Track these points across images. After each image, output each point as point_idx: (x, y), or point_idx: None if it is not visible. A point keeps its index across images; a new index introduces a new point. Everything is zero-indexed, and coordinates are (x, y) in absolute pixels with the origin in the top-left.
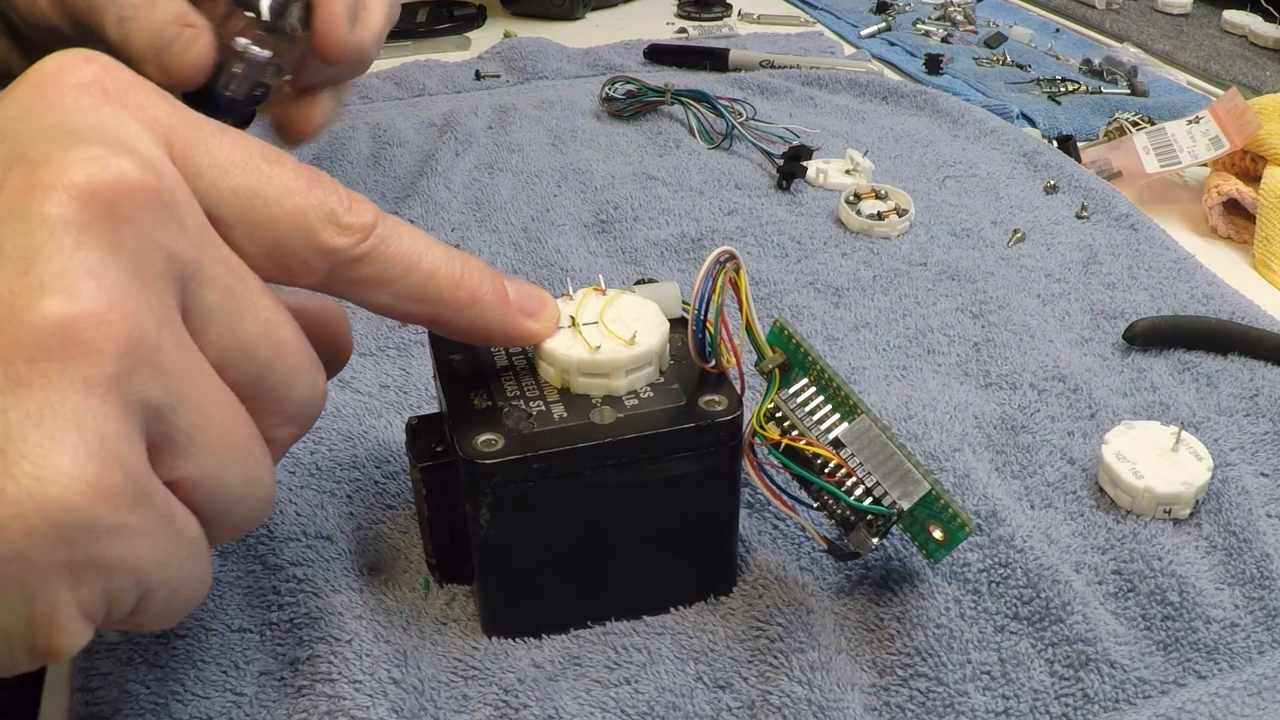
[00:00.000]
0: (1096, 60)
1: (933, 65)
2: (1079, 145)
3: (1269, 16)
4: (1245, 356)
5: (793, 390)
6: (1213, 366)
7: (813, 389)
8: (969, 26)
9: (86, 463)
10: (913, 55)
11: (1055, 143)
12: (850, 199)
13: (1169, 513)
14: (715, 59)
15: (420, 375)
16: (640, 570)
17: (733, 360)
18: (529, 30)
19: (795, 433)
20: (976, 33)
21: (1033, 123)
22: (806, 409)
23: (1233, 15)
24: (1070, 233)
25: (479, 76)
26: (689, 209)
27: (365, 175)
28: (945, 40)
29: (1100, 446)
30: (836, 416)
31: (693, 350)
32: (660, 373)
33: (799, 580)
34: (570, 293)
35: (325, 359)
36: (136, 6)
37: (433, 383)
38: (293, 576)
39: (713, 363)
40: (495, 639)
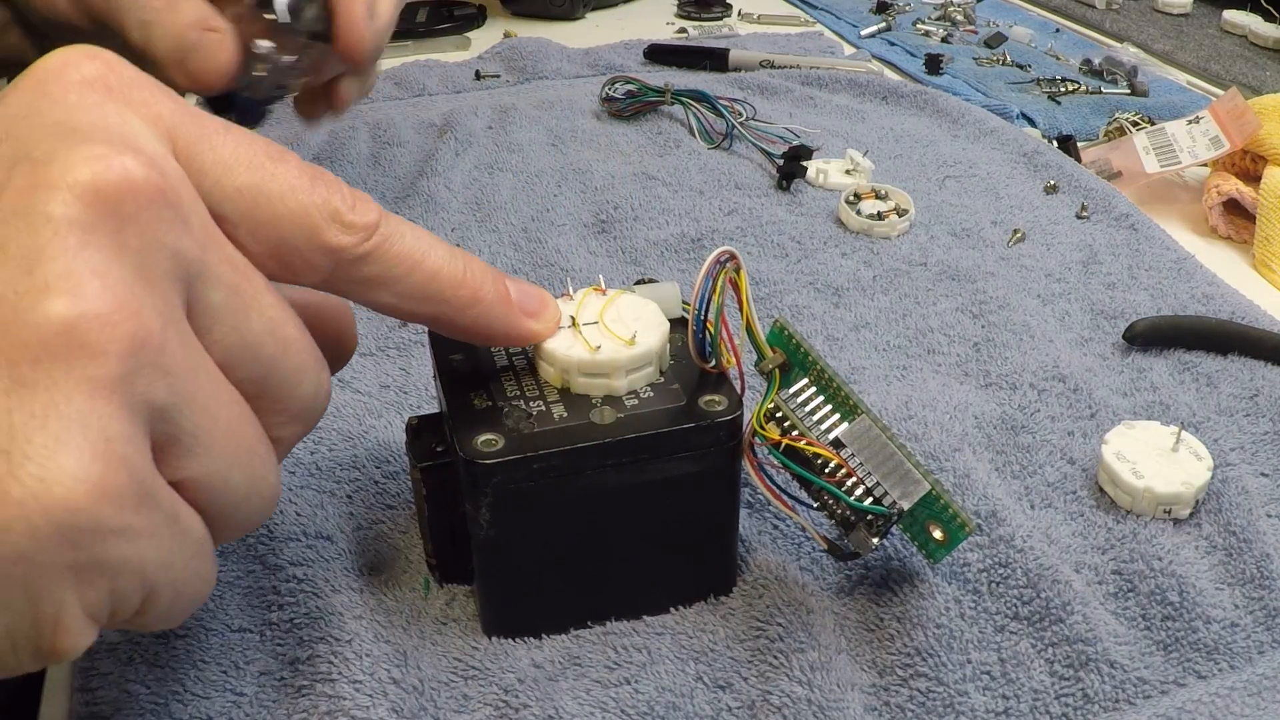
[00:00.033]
0: (1096, 60)
1: (933, 65)
2: (1079, 145)
3: (1269, 16)
4: (1245, 356)
5: (793, 390)
6: (1213, 366)
7: (813, 389)
8: (969, 26)
9: (91, 464)
10: (913, 55)
11: (1055, 143)
12: (850, 199)
13: (1169, 513)
14: (715, 59)
15: (420, 375)
16: (640, 570)
17: (733, 360)
18: (529, 30)
19: (795, 433)
20: (976, 33)
21: (1033, 123)
22: (806, 409)
23: (1233, 15)
24: (1070, 233)
25: (479, 76)
26: (689, 209)
27: (365, 175)
28: (945, 40)
29: (1100, 446)
30: (836, 416)
31: (693, 350)
32: (660, 373)
33: (799, 580)
34: (570, 293)
35: (329, 354)
36: (158, 9)
37: (433, 383)
38: (293, 576)
39: (713, 363)
40: (495, 639)
